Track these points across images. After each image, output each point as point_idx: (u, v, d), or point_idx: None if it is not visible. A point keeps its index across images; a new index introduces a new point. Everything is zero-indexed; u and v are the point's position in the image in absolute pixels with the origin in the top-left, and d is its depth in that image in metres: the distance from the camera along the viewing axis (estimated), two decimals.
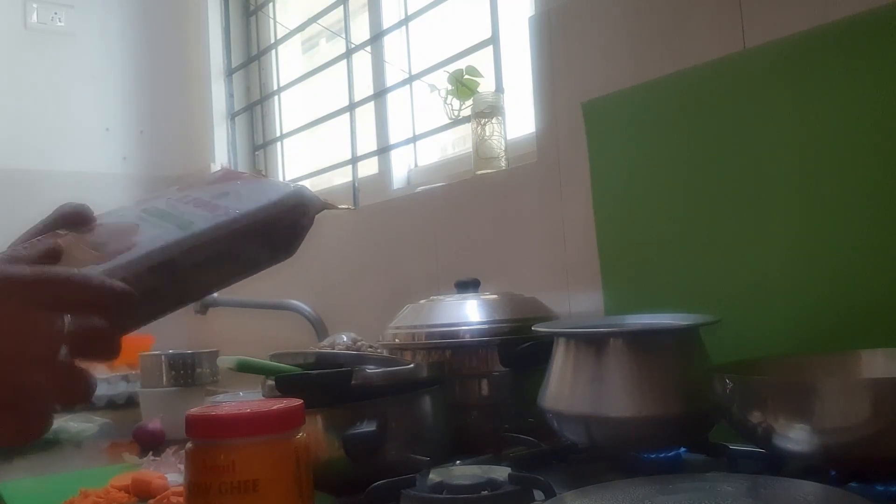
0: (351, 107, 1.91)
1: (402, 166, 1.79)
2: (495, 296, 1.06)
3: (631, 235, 1.09)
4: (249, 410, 0.57)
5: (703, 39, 1.01)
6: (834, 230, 0.86)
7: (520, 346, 0.97)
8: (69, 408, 0.66)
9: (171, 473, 0.90)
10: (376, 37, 1.83)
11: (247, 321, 1.93)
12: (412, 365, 0.92)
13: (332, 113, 1.98)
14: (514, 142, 1.41)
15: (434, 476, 0.73)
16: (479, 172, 1.39)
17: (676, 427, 0.78)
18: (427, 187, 1.57)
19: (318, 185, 2.12)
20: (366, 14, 1.88)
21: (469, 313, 1.02)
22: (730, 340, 0.84)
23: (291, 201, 0.56)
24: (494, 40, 1.49)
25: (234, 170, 1.61)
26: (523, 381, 0.97)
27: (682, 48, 1.03)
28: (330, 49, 2.13)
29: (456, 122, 1.57)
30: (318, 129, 2.13)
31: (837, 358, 0.79)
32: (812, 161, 0.88)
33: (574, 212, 1.19)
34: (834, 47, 0.86)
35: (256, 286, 1.08)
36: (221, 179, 0.61)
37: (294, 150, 2.31)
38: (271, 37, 2.33)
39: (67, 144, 2.39)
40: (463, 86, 1.51)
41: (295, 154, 2.31)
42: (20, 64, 2.34)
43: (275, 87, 2.31)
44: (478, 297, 1.05)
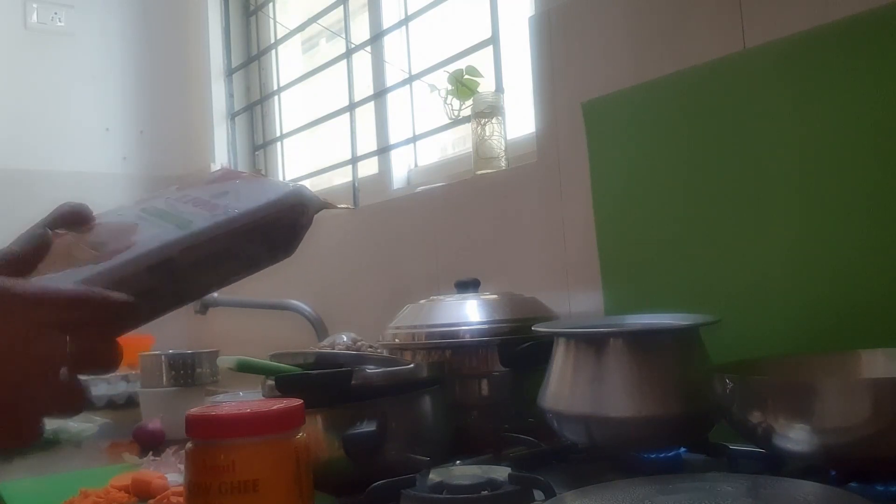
0: (351, 107, 1.91)
1: (402, 166, 1.79)
2: (495, 296, 1.06)
3: (631, 235, 1.09)
4: (249, 410, 0.57)
5: (703, 39, 1.01)
6: (834, 230, 0.86)
7: (520, 346, 0.97)
8: (63, 417, 0.66)
9: (171, 473, 0.90)
10: (376, 37, 1.83)
11: (247, 321, 1.92)
12: (412, 365, 0.92)
13: (332, 113, 1.98)
14: (514, 142, 1.41)
15: (434, 476, 0.73)
16: (479, 172, 1.39)
17: (676, 427, 0.78)
18: (427, 187, 1.57)
19: (318, 185, 2.12)
20: (366, 14, 1.88)
21: (469, 313, 1.02)
22: (730, 340, 0.84)
23: (290, 200, 0.56)
24: (494, 40, 1.48)
25: (234, 169, 1.61)
26: (523, 381, 0.97)
27: (682, 48, 1.03)
28: (330, 49, 2.13)
29: (456, 122, 1.57)
30: (318, 129, 2.13)
31: (837, 358, 0.79)
32: (812, 161, 0.88)
33: (574, 212, 1.19)
34: (834, 47, 0.86)
35: (256, 286, 1.08)
36: (221, 179, 0.61)
37: (294, 150, 2.31)
38: (271, 37, 2.33)
39: (67, 144, 2.39)
40: (463, 86, 1.51)
41: (295, 154, 2.31)
42: (20, 64, 2.34)
43: (275, 87, 2.31)
44: (478, 297, 1.05)
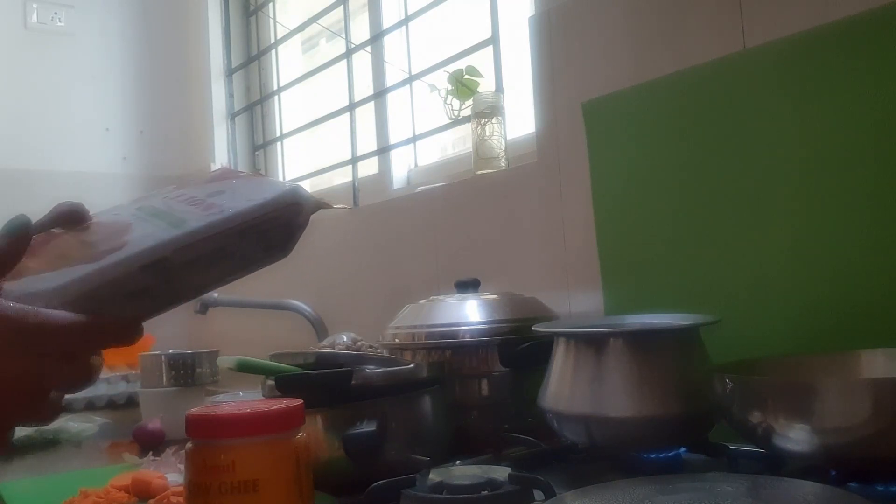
0: (351, 107, 1.91)
1: (402, 166, 1.79)
2: (495, 296, 1.06)
3: (631, 235, 1.09)
4: (249, 410, 0.57)
5: (703, 39, 1.01)
6: (834, 230, 0.86)
7: (520, 346, 0.97)
8: (35, 426, 0.67)
9: (171, 473, 0.89)
10: (376, 37, 1.83)
11: (247, 321, 1.92)
12: (412, 365, 0.92)
13: (332, 113, 1.98)
14: (514, 142, 1.41)
15: (434, 476, 0.73)
16: (479, 172, 1.39)
17: (676, 427, 0.78)
18: (427, 187, 1.57)
19: (319, 185, 2.12)
20: (366, 14, 1.88)
21: (469, 313, 1.02)
22: (730, 340, 0.84)
23: (286, 200, 0.56)
24: (494, 40, 1.48)
25: (234, 169, 1.61)
26: (523, 381, 0.97)
27: (682, 48, 1.03)
28: (330, 49, 2.13)
29: (456, 122, 1.57)
30: (318, 129, 2.13)
31: (837, 358, 0.79)
32: (812, 161, 0.88)
33: (574, 212, 1.19)
34: (834, 47, 0.86)
35: (256, 286, 1.09)
36: (219, 178, 0.61)
37: (294, 150, 2.31)
38: (271, 37, 2.33)
39: (67, 144, 2.39)
40: (463, 86, 1.51)
41: (295, 154, 2.31)
42: (20, 64, 2.34)
43: (275, 87, 2.31)
44: (478, 297, 1.05)
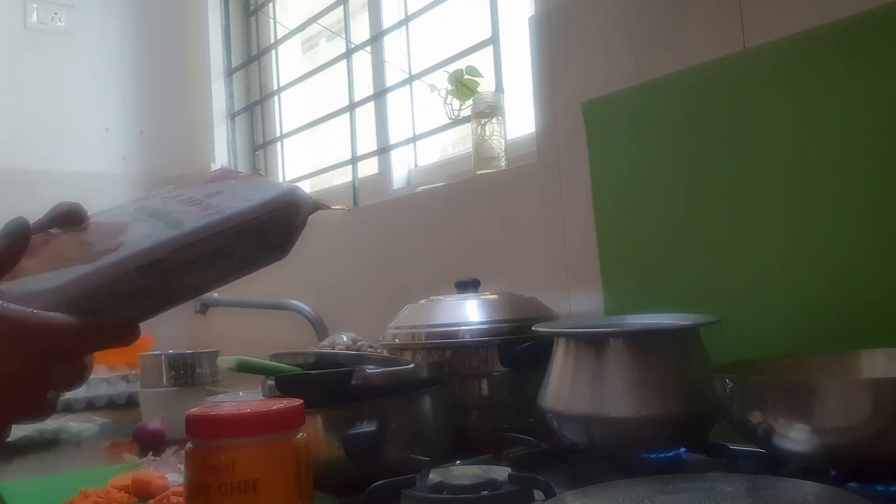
0: (351, 107, 1.91)
1: (402, 166, 1.79)
2: (495, 296, 1.06)
3: (631, 235, 1.09)
4: (249, 410, 0.57)
5: (703, 39, 1.01)
6: (834, 230, 0.86)
7: (520, 346, 0.97)
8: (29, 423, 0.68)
9: (171, 473, 0.89)
10: (376, 37, 1.83)
11: (247, 321, 1.92)
12: (412, 365, 0.92)
13: (332, 113, 1.98)
14: (514, 142, 1.41)
15: (434, 476, 0.73)
16: (479, 172, 1.39)
17: (676, 427, 0.78)
18: (427, 187, 1.57)
19: (319, 185, 2.12)
20: (366, 14, 1.88)
21: (469, 313, 1.02)
22: (730, 340, 0.84)
23: (284, 201, 0.56)
24: (494, 40, 1.48)
25: (233, 169, 1.61)
26: (523, 381, 0.97)
27: (682, 48, 1.03)
28: (330, 49, 2.13)
29: (456, 122, 1.57)
30: (318, 129, 2.13)
31: (837, 358, 0.79)
32: (812, 161, 0.88)
33: (574, 212, 1.19)
34: (834, 47, 0.86)
35: (256, 286, 1.08)
36: (218, 178, 0.61)
37: (294, 150, 2.31)
38: (271, 37, 2.33)
39: (67, 144, 2.39)
40: (463, 86, 1.51)
41: (295, 154, 2.31)
42: (20, 64, 2.34)
43: (275, 87, 2.31)
44: (478, 297, 1.05)
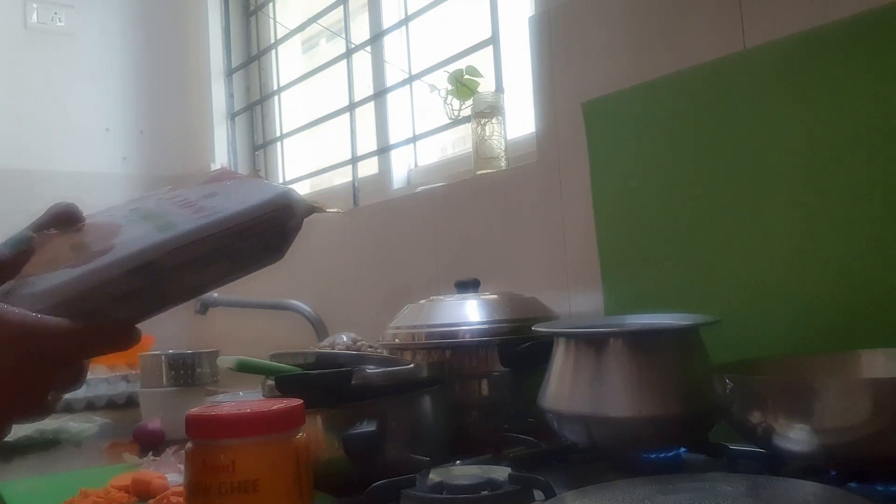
0: (351, 107, 1.91)
1: (402, 166, 1.79)
2: (495, 296, 1.06)
3: (631, 235, 1.09)
4: (249, 410, 0.57)
5: (703, 39, 1.01)
6: (834, 230, 0.86)
7: (520, 346, 0.97)
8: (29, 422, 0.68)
9: (171, 473, 0.89)
10: (376, 37, 1.83)
11: (247, 321, 1.92)
12: (412, 365, 0.92)
13: (332, 113, 1.98)
14: (514, 142, 1.41)
15: (434, 476, 0.73)
16: (479, 172, 1.39)
17: (676, 427, 0.78)
18: (427, 187, 1.57)
19: (319, 185, 2.12)
20: (366, 14, 1.88)
21: (469, 313, 1.02)
22: (730, 340, 0.84)
23: (278, 203, 0.55)
24: (494, 40, 1.48)
25: (231, 170, 1.61)
26: (523, 381, 0.97)
27: (682, 48, 1.03)
28: (330, 49, 2.13)
29: (456, 122, 1.57)
30: (318, 129, 2.13)
31: (837, 358, 0.79)
32: (812, 161, 0.88)
33: (574, 212, 1.19)
34: (834, 47, 0.86)
35: (256, 286, 1.08)
36: (215, 179, 0.61)
37: (294, 150, 2.31)
38: (271, 37, 2.33)
39: (67, 144, 2.39)
40: (463, 86, 1.51)
41: (295, 154, 2.31)
42: (20, 64, 2.34)
43: (275, 87, 2.31)
44: (478, 297, 1.05)
